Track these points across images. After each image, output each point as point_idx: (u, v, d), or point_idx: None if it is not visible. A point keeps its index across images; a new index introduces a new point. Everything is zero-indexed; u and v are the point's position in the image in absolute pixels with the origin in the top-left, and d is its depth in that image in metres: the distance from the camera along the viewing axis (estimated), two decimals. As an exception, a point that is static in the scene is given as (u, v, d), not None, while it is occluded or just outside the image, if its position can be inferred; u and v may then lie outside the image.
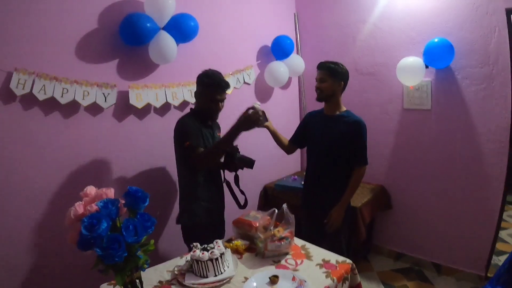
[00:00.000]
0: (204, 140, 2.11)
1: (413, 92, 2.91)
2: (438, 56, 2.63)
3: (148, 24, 2.24)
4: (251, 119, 1.95)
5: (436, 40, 2.62)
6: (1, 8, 1.86)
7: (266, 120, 2.34)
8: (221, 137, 2.17)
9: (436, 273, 2.97)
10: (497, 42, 2.49)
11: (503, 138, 2.56)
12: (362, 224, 2.72)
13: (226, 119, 2.69)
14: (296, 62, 3.30)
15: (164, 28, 2.34)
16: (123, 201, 1.28)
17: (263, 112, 2.32)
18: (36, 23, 1.99)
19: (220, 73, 2.13)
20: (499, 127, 2.56)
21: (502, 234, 2.94)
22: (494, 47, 2.50)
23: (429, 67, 2.72)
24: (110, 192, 1.29)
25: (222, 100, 2.13)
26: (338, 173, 2.30)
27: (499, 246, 2.87)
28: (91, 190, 1.35)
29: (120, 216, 1.23)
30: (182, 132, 2.05)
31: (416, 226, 3.07)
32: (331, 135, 2.27)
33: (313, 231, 2.28)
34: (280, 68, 3.14)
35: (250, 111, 1.98)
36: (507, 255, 3.04)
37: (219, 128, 2.35)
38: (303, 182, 2.56)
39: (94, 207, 1.22)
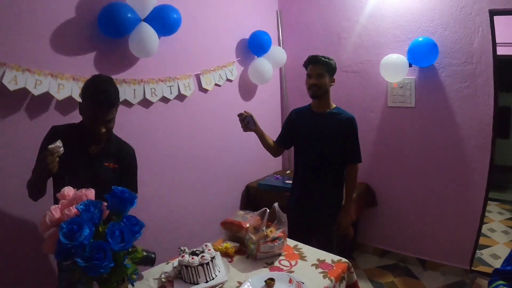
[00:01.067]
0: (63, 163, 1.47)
1: (397, 90, 2.91)
2: (422, 55, 2.64)
3: (129, 15, 2.11)
4: (44, 162, 1.37)
5: (420, 39, 2.63)
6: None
7: (255, 125, 2.21)
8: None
9: (421, 268, 2.99)
10: (480, 42, 2.52)
11: (485, 135, 2.59)
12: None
13: (210, 119, 2.57)
14: (277, 54, 3.21)
15: (146, 20, 2.22)
16: (105, 203, 1.16)
17: (251, 116, 2.19)
18: (8, 9, 1.83)
19: (109, 83, 1.60)
20: (481, 123, 2.60)
21: (483, 228, 2.98)
22: (477, 46, 2.53)
23: (412, 65, 2.72)
24: (91, 193, 1.17)
25: (107, 121, 1.56)
26: (331, 171, 2.25)
27: (481, 240, 2.91)
28: (68, 191, 1.22)
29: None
30: None
31: (401, 222, 3.08)
32: (324, 134, 2.19)
33: (302, 231, 2.21)
34: (265, 66, 3.06)
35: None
36: (489, 248, 3.14)
37: (119, 154, 1.72)
38: (291, 181, 2.49)
39: (73, 210, 1.10)
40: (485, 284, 2.66)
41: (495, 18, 2.43)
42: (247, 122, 2.17)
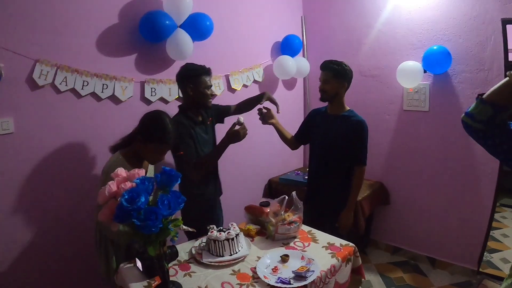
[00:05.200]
0: (197, 143, 2.16)
1: (412, 95, 3.06)
2: (436, 62, 2.79)
3: (166, 22, 2.37)
4: (239, 134, 2.09)
5: (435, 47, 2.77)
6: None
7: (272, 117, 2.47)
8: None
9: (431, 266, 3.12)
10: (492, 50, 2.64)
11: (496, 139, 2.70)
12: (362, 217, 2.86)
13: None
14: (302, 64, 3.44)
15: (181, 26, 2.47)
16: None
17: (268, 110, 2.46)
18: (59, 15, 2.11)
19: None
20: (492, 129, 2.70)
21: (496, 233, 3.09)
22: (489, 54, 2.66)
23: (427, 71, 2.87)
24: (142, 172, 1.43)
25: (211, 86, 2.19)
26: (340, 171, 2.38)
27: (492, 244, 3.02)
28: (121, 171, 1.48)
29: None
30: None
31: (413, 221, 3.22)
32: (333, 135, 2.34)
33: (314, 224, 2.30)
34: (289, 62, 3.25)
35: (237, 126, 2.12)
36: (499, 253, 3.22)
37: (216, 113, 2.41)
38: (306, 177, 2.68)
39: (128, 184, 1.35)
40: (492, 286, 2.76)
41: (508, 26, 2.55)
42: (264, 116, 2.43)
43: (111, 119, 2.38)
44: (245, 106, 2.53)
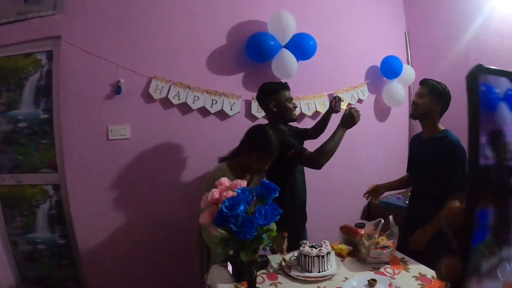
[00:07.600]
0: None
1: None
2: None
3: (271, 43, 2.52)
4: (353, 116, 2.09)
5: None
6: (143, 22, 2.35)
7: (380, 194, 2.47)
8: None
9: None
10: None
11: None
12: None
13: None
14: (406, 73, 3.27)
15: (286, 46, 2.60)
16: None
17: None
18: (173, 37, 2.43)
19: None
20: None
21: None
22: None
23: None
24: (244, 183, 1.55)
25: (292, 99, 2.24)
26: (436, 198, 2.10)
27: None
28: (225, 181, 1.63)
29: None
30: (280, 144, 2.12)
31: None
32: (426, 160, 2.18)
33: (401, 248, 2.08)
34: (398, 89, 3.17)
35: (339, 105, 2.24)
36: None
37: (297, 135, 2.38)
38: (407, 202, 2.54)
39: (229, 193, 1.48)
40: None
41: None
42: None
43: (218, 132, 2.61)
44: (321, 124, 2.51)
